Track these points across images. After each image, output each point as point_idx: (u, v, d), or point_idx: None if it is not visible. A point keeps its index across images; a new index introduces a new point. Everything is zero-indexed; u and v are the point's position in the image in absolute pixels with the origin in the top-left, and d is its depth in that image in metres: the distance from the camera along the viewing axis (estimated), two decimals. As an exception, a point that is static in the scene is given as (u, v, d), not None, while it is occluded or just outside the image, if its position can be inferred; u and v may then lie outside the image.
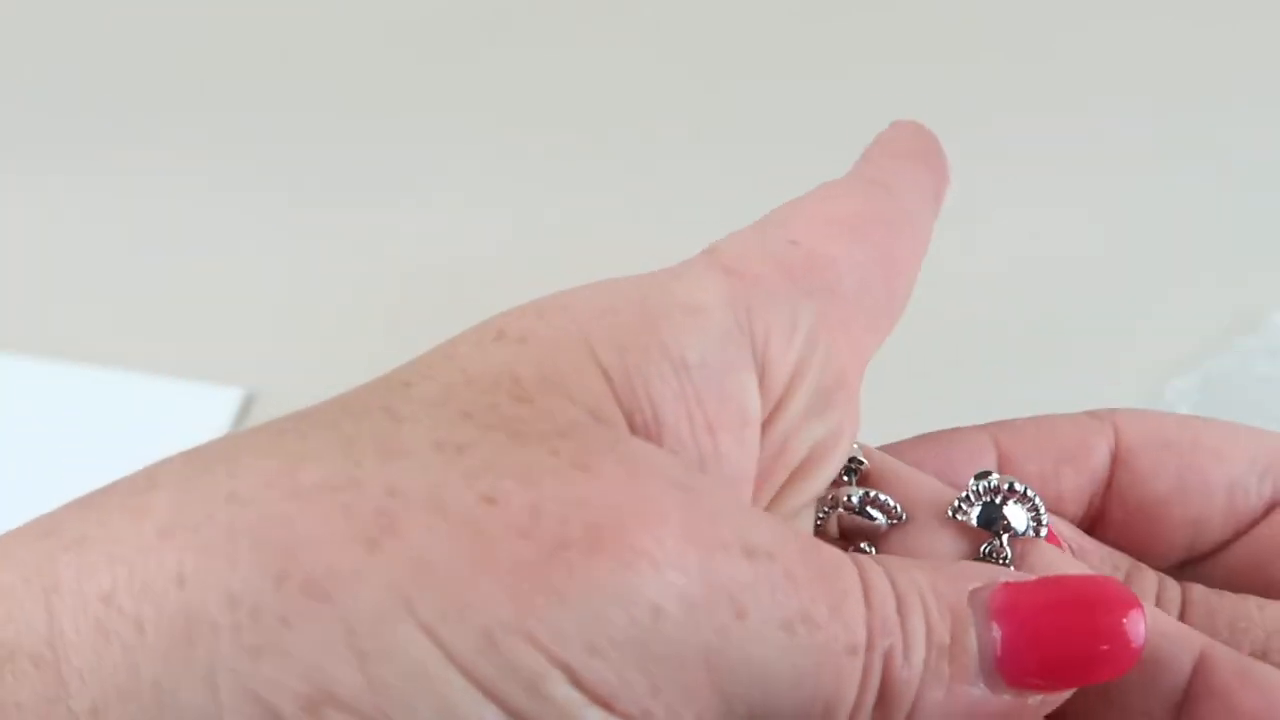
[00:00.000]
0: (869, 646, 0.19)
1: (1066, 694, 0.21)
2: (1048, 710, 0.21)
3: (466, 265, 0.59)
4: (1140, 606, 0.20)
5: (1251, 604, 0.24)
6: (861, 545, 0.24)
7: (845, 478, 0.24)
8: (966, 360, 0.55)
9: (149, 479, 0.19)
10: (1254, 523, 0.26)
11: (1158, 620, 0.22)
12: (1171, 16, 0.70)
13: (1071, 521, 0.26)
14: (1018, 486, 0.24)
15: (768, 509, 0.23)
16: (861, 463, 0.24)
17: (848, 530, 0.24)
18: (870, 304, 0.23)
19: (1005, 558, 0.23)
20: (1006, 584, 0.20)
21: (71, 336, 0.57)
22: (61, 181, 0.65)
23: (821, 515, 0.24)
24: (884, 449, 0.26)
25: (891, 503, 0.24)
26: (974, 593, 0.20)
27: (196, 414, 0.54)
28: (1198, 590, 0.24)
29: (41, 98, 0.69)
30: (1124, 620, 0.20)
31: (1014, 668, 0.20)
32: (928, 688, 0.20)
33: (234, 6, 0.73)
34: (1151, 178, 0.63)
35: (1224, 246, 0.60)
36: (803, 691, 0.19)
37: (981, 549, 0.23)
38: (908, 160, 0.26)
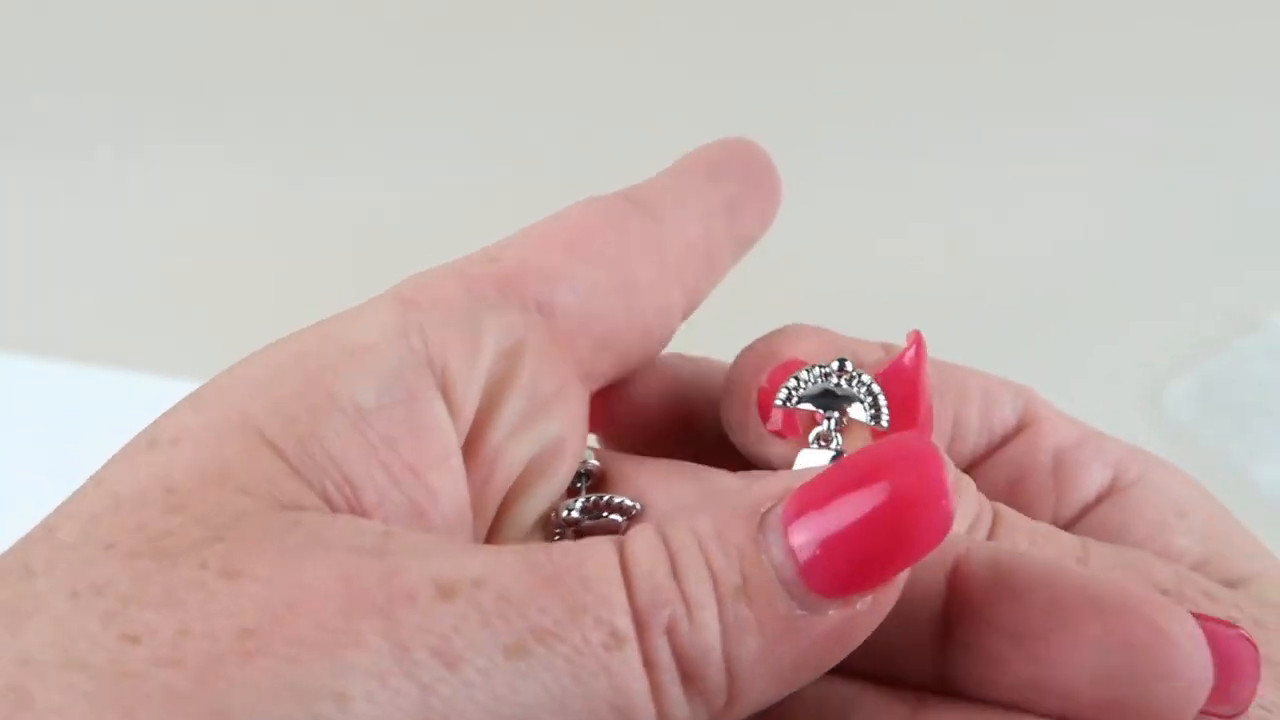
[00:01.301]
0: (642, 627, 0.17)
1: (897, 588, 0.18)
2: (885, 610, 0.18)
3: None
4: (940, 457, 0.18)
5: (1044, 526, 0.23)
6: None
7: (579, 485, 0.23)
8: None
9: None
10: (1006, 438, 0.26)
11: None
12: (1171, 16, 0.70)
13: None
14: (849, 368, 0.22)
15: (492, 532, 0.21)
16: (590, 465, 0.23)
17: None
18: (602, 319, 0.22)
19: (837, 446, 0.22)
20: (798, 489, 0.18)
21: (71, 336, 0.57)
22: (62, 181, 0.65)
23: (557, 535, 0.22)
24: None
25: (617, 499, 0.22)
26: (766, 515, 0.18)
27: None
28: (1004, 508, 0.23)
29: (41, 98, 0.69)
30: (925, 474, 0.17)
31: (823, 576, 0.17)
32: (734, 641, 0.17)
33: (237, 7, 0.73)
34: (1150, 178, 0.63)
35: (1224, 246, 0.60)
36: (576, 711, 0.17)
37: (811, 437, 0.22)
38: (692, 176, 0.24)
